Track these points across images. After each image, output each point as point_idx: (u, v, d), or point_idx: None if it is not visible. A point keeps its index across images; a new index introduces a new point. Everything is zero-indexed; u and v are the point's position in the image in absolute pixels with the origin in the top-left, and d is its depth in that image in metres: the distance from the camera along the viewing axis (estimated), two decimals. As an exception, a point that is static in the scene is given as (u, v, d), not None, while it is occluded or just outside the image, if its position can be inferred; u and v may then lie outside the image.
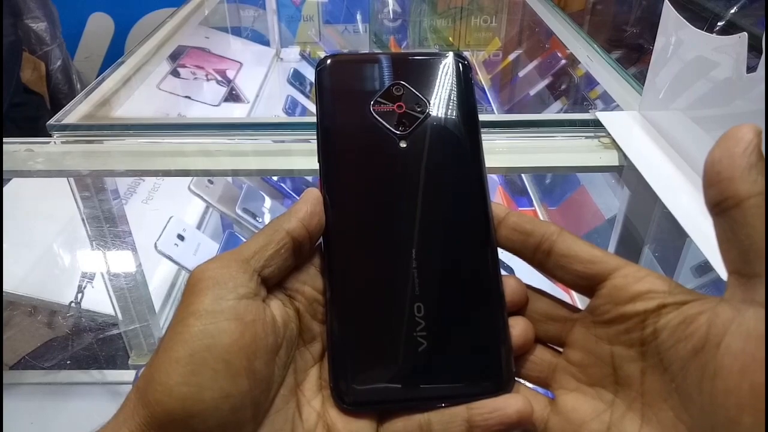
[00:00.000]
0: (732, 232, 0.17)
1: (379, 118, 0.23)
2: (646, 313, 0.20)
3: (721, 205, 0.17)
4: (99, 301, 0.75)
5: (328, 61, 0.25)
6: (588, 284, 0.21)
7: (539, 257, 0.22)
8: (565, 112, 1.05)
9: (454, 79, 0.24)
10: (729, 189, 0.16)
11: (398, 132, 0.23)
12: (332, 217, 0.22)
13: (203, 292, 0.20)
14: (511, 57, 1.41)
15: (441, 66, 0.25)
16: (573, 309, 0.23)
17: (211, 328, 0.19)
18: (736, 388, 0.16)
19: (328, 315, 0.22)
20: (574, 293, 0.73)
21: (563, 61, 1.10)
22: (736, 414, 0.15)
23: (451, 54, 0.25)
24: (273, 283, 0.22)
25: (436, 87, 0.24)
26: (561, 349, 0.23)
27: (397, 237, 0.22)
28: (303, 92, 1.29)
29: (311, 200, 0.22)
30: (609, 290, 0.21)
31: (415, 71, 0.24)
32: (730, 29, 0.91)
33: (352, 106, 0.24)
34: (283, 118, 1.14)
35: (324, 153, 0.23)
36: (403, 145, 0.23)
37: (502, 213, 0.23)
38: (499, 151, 0.55)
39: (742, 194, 0.16)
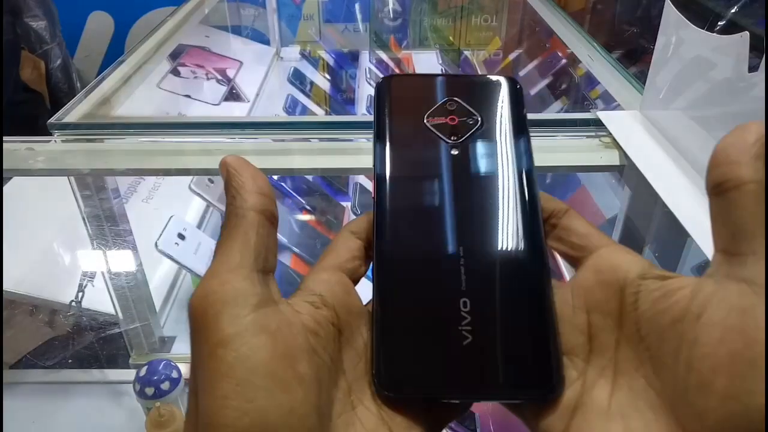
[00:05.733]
0: (726, 212, 0.18)
1: (432, 129, 0.25)
2: (626, 281, 0.20)
3: (721, 186, 0.18)
4: (100, 300, 0.75)
5: (388, 79, 0.27)
6: (577, 255, 0.23)
7: (545, 230, 0.24)
8: (566, 111, 1.05)
9: (505, 98, 0.26)
10: (733, 171, 0.17)
11: (450, 141, 0.25)
12: (383, 213, 0.23)
13: (217, 318, 0.18)
14: (512, 56, 1.41)
15: (493, 86, 0.27)
16: (555, 284, 0.23)
17: (244, 350, 0.18)
18: (712, 353, 0.16)
19: (373, 303, 0.22)
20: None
21: (564, 61, 1.10)
22: (709, 376, 0.16)
23: (503, 77, 0.27)
24: (274, 265, 0.21)
25: (488, 104, 0.26)
26: None
27: (445, 234, 0.23)
28: (303, 91, 1.29)
29: (241, 166, 0.22)
30: (594, 260, 0.22)
31: (468, 90, 0.27)
32: (730, 29, 0.91)
33: (407, 117, 0.26)
34: (284, 117, 1.14)
35: (378, 157, 0.25)
36: (454, 152, 0.25)
37: None
38: (500, 151, 0.55)
39: (743, 178, 0.17)
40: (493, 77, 0.27)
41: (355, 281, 0.23)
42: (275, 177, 0.98)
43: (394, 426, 0.20)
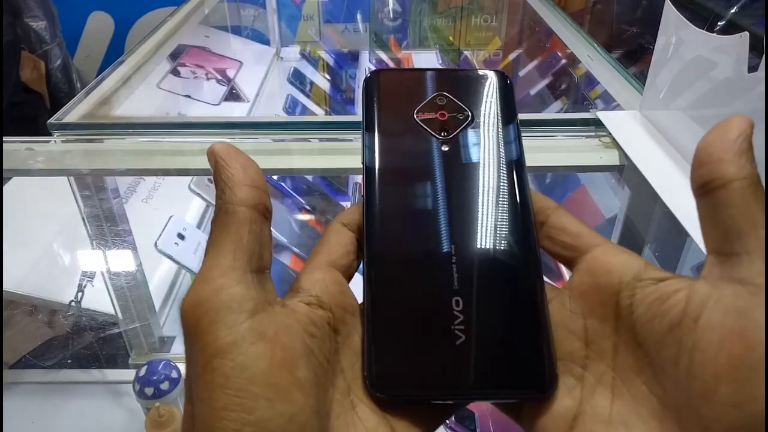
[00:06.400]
0: (715, 212, 0.17)
1: (422, 124, 0.25)
2: (621, 285, 0.20)
3: (707, 186, 0.17)
4: (99, 300, 0.75)
5: (376, 73, 0.27)
6: (571, 256, 0.22)
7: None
8: (566, 111, 1.05)
9: (496, 92, 0.26)
10: (718, 170, 0.17)
11: (440, 136, 0.24)
12: (373, 211, 0.23)
13: (212, 327, 0.18)
14: (512, 56, 1.41)
15: (483, 81, 0.26)
16: (553, 288, 0.23)
17: (242, 359, 0.17)
18: (713, 359, 0.16)
19: (364, 303, 0.22)
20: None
21: (563, 61, 1.10)
22: (712, 384, 0.16)
23: (493, 71, 0.27)
24: (269, 262, 0.21)
25: (478, 99, 0.26)
26: None
27: (437, 232, 0.22)
28: (303, 91, 1.29)
29: (230, 156, 0.20)
30: (587, 262, 0.21)
31: (458, 84, 0.26)
32: (730, 29, 0.91)
33: (396, 112, 0.25)
34: (283, 117, 1.14)
35: (368, 153, 0.24)
36: (445, 148, 0.24)
37: None
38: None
39: (729, 176, 0.17)
40: (483, 72, 0.27)
41: (349, 277, 0.23)
42: (275, 177, 0.98)
43: (396, 423, 0.20)
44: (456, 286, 0.21)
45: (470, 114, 0.25)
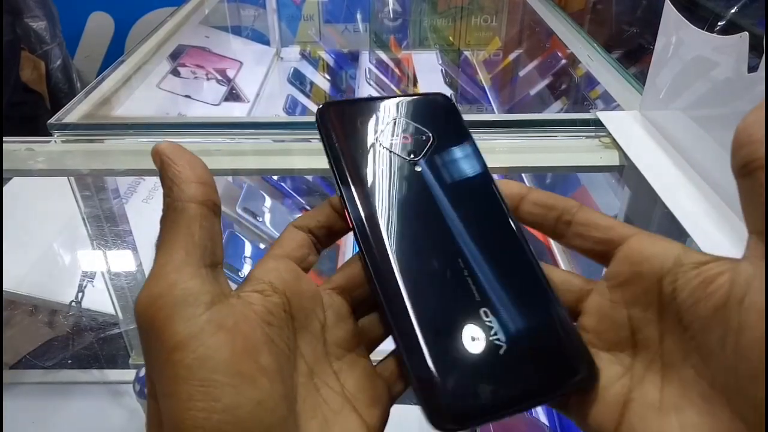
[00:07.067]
0: (756, 192, 0.17)
1: (390, 149, 0.25)
2: (663, 271, 0.20)
3: (747, 166, 0.17)
4: (100, 300, 0.75)
5: (327, 106, 0.27)
6: (605, 249, 0.22)
7: (560, 229, 0.23)
8: (566, 111, 1.05)
9: (445, 113, 0.27)
10: (759, 150, 0.17)
11: (409, 158, 0.25)
12: (371, 246, 0.23)
13: (169, 322, 0.18)
14: (512, 56, 1.41)
15: (430, 104, 0.28)
16: (588, 280, 0.23)
17: (203, 351, 0.17)
18: (759, 339, 0.16)
19: (395, 344, 0.21)
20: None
21: (563, 61, 1.10)
22: (759, 364, 0.16)
23: (436, 94, 0.28)
24: (221, 257, 0.21)
25: (432, 120, 0.27)
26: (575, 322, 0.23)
27: (440, 251, 0.23)
28: (303, 91, 1.29)
29: (176, 154, 0.20)
30: (625, 252, 0.21)
31: (409, 109, 0.27)
32: (730, 29, 0.91)
33: (362, 142, 0.25)
34: (284, 117, 1.14)
35: (345, 187, 0.24)
36: (417, 169, 0.25)
37: (525, 190, 0.24)
38: (500, 151, 0.55)
39: None
40: (427, 95, 0.28)
41: (306, 269, 0.23)
42: (275, 177, 0.98)
43: (358, 404, 0.21)
44: (478, 298, 0.22)
45: (431, 135, 0.26)
